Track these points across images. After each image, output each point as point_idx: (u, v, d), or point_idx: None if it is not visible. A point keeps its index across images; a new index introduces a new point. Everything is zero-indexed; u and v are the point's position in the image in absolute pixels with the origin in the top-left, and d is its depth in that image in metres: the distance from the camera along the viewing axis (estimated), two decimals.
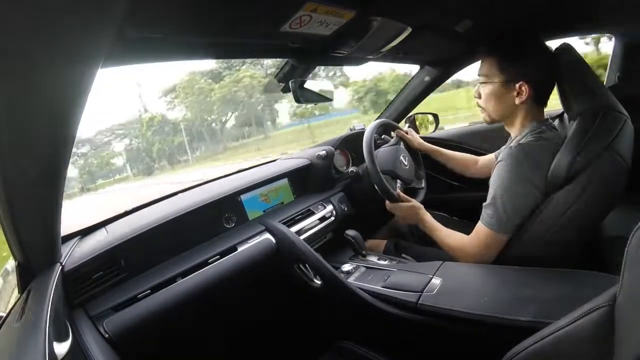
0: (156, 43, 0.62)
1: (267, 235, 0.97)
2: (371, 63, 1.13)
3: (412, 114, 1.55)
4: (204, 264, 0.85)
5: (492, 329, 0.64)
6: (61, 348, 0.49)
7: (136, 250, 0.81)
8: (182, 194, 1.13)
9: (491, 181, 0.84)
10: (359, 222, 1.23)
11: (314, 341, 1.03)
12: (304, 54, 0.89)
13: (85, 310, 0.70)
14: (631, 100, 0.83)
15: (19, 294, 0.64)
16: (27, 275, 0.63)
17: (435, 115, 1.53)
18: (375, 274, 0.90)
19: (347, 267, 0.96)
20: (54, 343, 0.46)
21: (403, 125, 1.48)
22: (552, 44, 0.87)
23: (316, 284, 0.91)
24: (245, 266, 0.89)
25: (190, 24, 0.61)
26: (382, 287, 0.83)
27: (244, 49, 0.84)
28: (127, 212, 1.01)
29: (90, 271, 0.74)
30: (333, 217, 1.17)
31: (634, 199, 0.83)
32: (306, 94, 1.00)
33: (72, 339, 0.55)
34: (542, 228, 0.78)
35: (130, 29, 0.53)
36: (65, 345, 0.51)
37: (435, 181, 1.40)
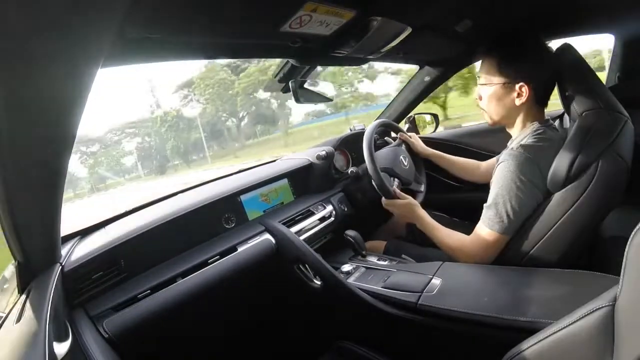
0: (156, 43, 0.62)
1: (267, 236, 0.97)
2: None
3: (412, 114, 1.55)
4: (204, 264, 0.85)
5: (492, 329, 0.64)
6: (61, 348, 0.49)
7: (136, 250, 0.81)
8: (182, 194, 1.13)
9: (492, 182, 0.84)
10: (358, 222, 1.23)
11: (314, 341, 1.03)
12: (304, 54, 0.89)
13: (85, 310, 0.70)
14: (631, 100, 0.83)
15: (19, 294, 0.64)
16: (27, 275, 0.63)
17: (435, 116, 1.53)
18: (375, 274, 0.90)
19: (347, 268, 0.96)
20: (54, 343, 0.46)
21: (403, 126, 1.48)
22: (552, 44, 0.87)
23: (316, 284, 0.91)
24: (245, 266, 0.89)
25: (190, 24, 0.61)
26: (382, 287, 0.82)
27: (244, 49, 0.84)
28: (127, 212, 1.01)
29: (90, 271, 0.74)
30: (333, 217, 1.17)
31: (634, 199, 0.83)
32: (306, 94, 1.00)
33: (72, 339, 0.55)
34: (543, 228, 0.78)
35: (130, 29, 0.53)
36: (65, 345, 0.51)
37: (435, 181, 1.40)
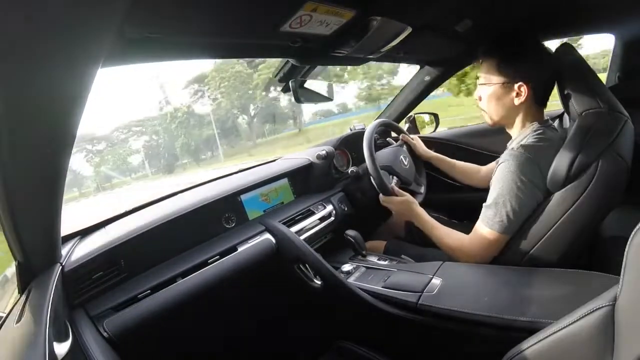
0: (156, 43, 0.62)
1: (267, 235, 0.97)
2: None
3: (412, 114, 1.55)
4: (204, 264, 0.85)
5: (492, 329, 0.64)
6: (61, 348, 0.49)
7: (136, 250, 0.81)
8: (182, 193, 1.13)
9: (492, 182, 0.84)
10: (359, 222, 1.23)
11: (314, 341, 1.03)
12: (304, 54, 0.89)
13: (85, 310, 0.70)
14: (631, 100, 0.83)
15: (19, 294, 0.64)
16: (27, 275, 0.63)
17: (435, 115, 1.53)
18: (376, 274, 0.90)
19: (347, 267, 0.96)
20: (54, 343, 0.46)
21: (403, 125, 1.48)
22: (552, 44, 0.87)
23: (316, 284, 0.91)
24: (245, 266, 0.89)
25: (190, 24, 0.61)
26: (382, 287, 0.82)
27: (244, 48, 0.84)
28: (127, 212, 1.01)
29: (90, 271, 0.74)
30: (333, 217, 1.17)
31: (634, 199, 0.83)
32: (306, 94, 1.01)
33: (72, 339, 0.54)
34: (542, 228, 0.78)
35: (130, 29, 0.53)
36: (65, 346, 0.51)
37: (435, 181, 1.40)
